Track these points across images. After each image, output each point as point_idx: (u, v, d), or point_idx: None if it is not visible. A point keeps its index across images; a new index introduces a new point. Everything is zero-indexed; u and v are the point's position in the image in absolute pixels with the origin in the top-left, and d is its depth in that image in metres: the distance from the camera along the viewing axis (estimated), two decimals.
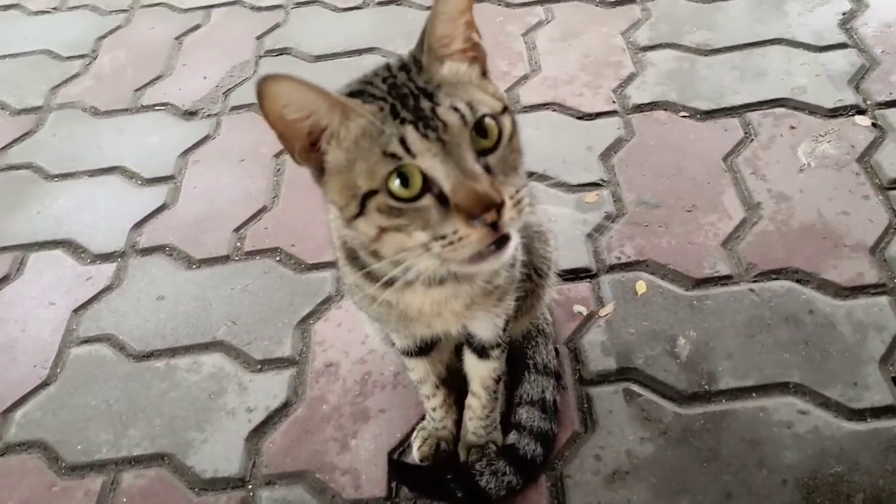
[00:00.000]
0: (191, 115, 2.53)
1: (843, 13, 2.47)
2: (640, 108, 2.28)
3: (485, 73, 1.03)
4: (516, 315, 1.50)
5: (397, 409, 1.69)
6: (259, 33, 2.83)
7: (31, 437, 1.74)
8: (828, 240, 1.86)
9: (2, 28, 3.10)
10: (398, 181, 0.93)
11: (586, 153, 2.17)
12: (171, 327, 1.92)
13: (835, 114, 2.16)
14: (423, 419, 1.63)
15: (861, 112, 2.15)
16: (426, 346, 1.46)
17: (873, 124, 2.11)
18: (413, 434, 1.62)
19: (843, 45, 2.36)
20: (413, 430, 1.63)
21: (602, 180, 2.09)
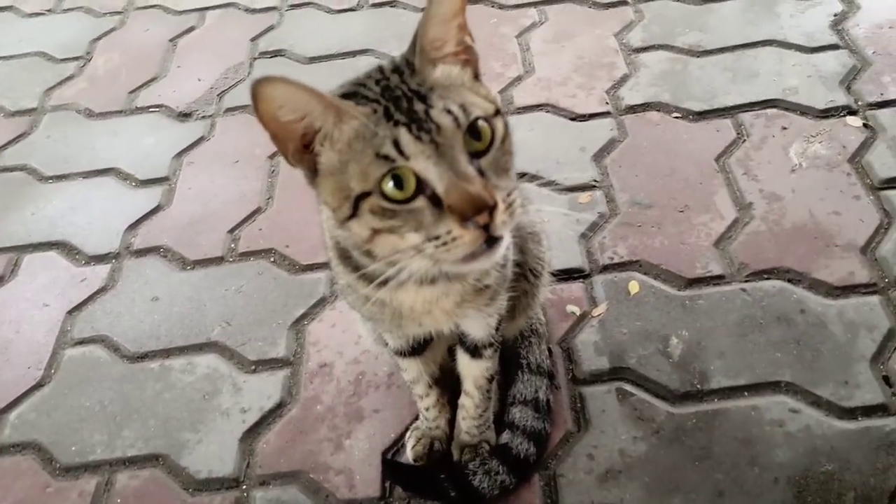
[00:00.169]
0: (185, 116, 2.54)
1: (835, 14, 2.49)
2: (633, 109, 2.29)
3: (477, 76, 1.04)
4: (513, 315, 1.52)
5: (391, 409, 1.70)
6: (253, 35, 2.83)
7: (25, 438, 1.74)
8: (819, 240, 1.87)
9: None
10: (392, 183, 0.93)
11: (579, 154, 2.18)
12: (166, 328, 1.92)
13: (826, 114, 2.17)
14: (416, 419, 1.64)
15: (852, 113, 2.17)
16: (419, 346, 1.46)
17: (864, 125, 2.13)
18: (407, 434, 1.63)
19: (835, 47, 2.37)
20: (407, 429, 1.64)
21: (595, 181, 2.10)
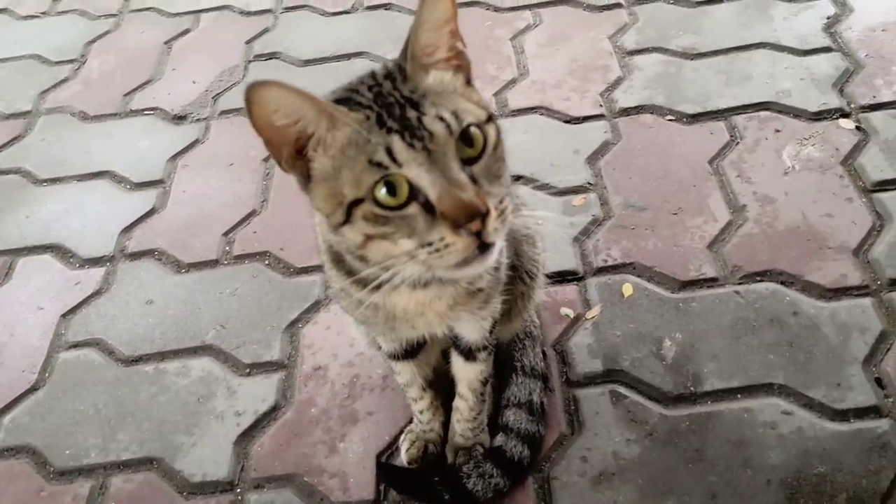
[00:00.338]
0: (180, 119, 2.54)
1: (828, 17, 2.49)
2: (626, 111, 2.30)
3: (469, 82, 1.04)
4: (509, 317, 1.52)
5: (385, 411, 1.70)
6: (248, 38, 2.83)
7: (19, 442, 1.74)
8: (812, 242, 1.88)
9: None
10: (385, 190, 0.94)
11: (573, 156, 2.18)
12: (160, 331, 1.92)
13: (819, 117, 2.18)
14: (410, 422, 1.64)
15: (845, 115, 2.18)
16: (412, 350, 1.47)
17: (857, 127, 2.14)
18: (401, 437, 1.63)
19: (828, 49, 2.38)
20: (401, 432, 1.64)
21: (589, 183, 2.10)
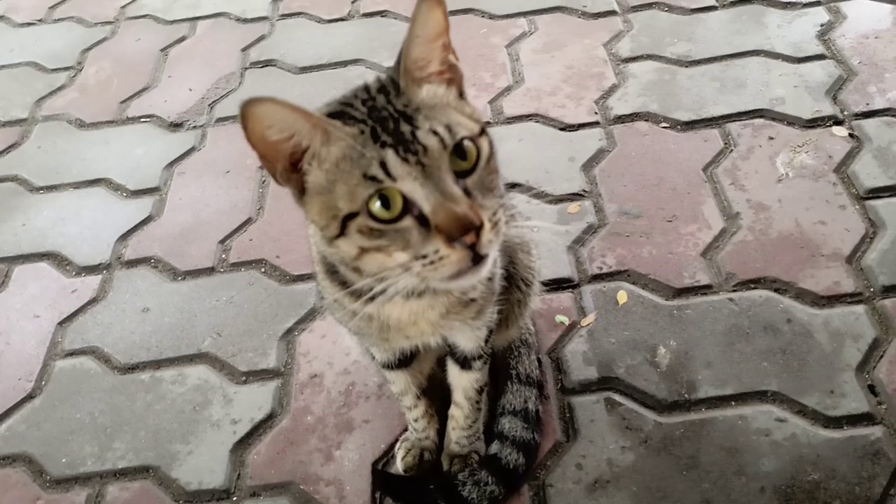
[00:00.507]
0: (176, 126, 2.54)
1: (821, 25, 2.51)
2: (621, 119, 2.31)
3: (462, 94, 1.05)
4: (506, 325, 1.54)
5: (381, 419, 1.71)
6: (244, 45, 2.84)
7: (15, 450, 1.74)
8: (805, 249, 1.89)
9: None
10: (379, 203, 0.94)
11: (568, 164, 2.19)
12: (156, 339, 1.93)
13: (812, 124, 2.19)
14: (406, 430, 1.64)
15: (838, 122, 2.19)
16: (406, 359, 1.47)
17: (850, 135, 2.15)
18: (397, 444, 1.63)
19: (822, 57, 2.40)
20: (397, 440, 1.65)
21: (584, 191, 2.11)
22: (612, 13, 2.71)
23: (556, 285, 1.89)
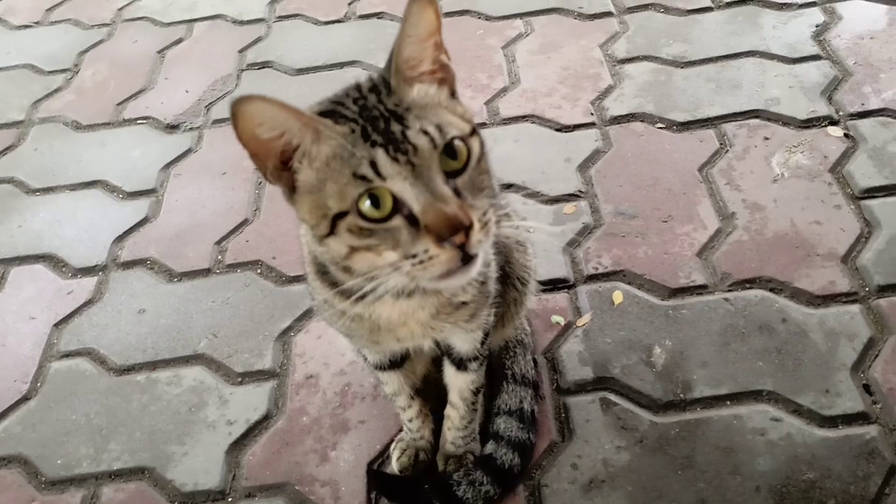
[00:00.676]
0: (173, 128, 2.55)
1: (817, 25, 2.51)
2: (617, 119, 2.31)
3: (454, 94, 1.05)
4: (502, 323, 1.54)
5: (377, 419, 1.70)
6: (241, 47, 2.84)
7: (10, 451, 1.74)
8: (800, 249, 1.89)
9: None
10: (369, 202, 0.94)
11: (564, 165, 2.19)
12: (152, 341, 1.93)
13: (808, 125, 2.20)
14: (401, 430, 1.64)
15: (833, 123, 2.19)
16: (398, 360, 1.47)
17: (845, 135, 2.15)
18: (392, 445, 1.64)
19: (817, 57, 2.40)
20: (392, 440, 1.65)
21: (580, 191, 2.12)
22: (609, 14, 2.71)
23: (551, 285, 1.89)
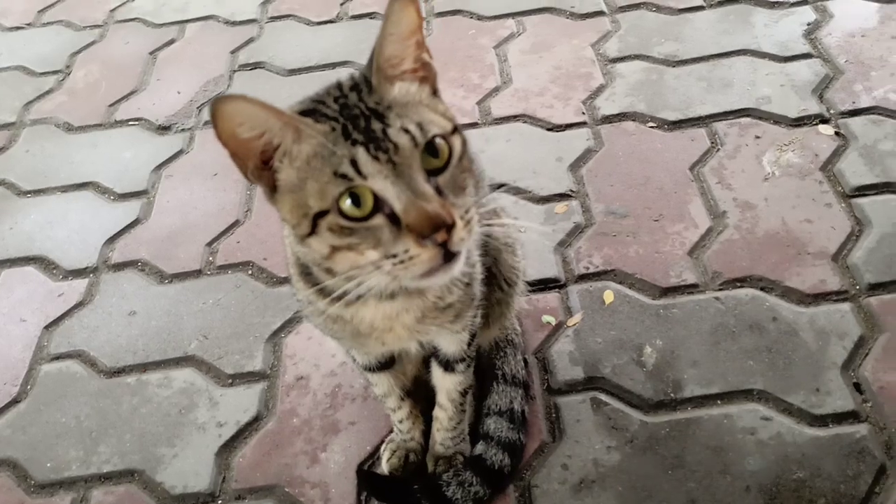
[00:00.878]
0: (164, 129, 2.54)
1: (808, 24, 2.51)
2: (609, 119, 2.31)
3: (435, 92, 1.05)
4: (487, 323, 1.53)
5: (367, 421, 1.70)
6: (233, 48, 2.84)
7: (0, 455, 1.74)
8: (791, 247, 1.89)
9: None
10: (350, 201, 0.94)
11: (556, 164, 2.19)
12: (143, 342, 1.92)
13: (799, 123, 2.20)
14: (391, 431, 1.64)
15: (824, 121, 2.19)
16: (387, 362, 1.47)
17: (836, 133, 2.15)
18: (382, 446, 1.63)
19: (808, 56, 2.40)
20: (382, 442, 1.64)
21: (571, 191, 2.11)
22: (600, 14, 2.71)
23: (542, 285, 1.89)
